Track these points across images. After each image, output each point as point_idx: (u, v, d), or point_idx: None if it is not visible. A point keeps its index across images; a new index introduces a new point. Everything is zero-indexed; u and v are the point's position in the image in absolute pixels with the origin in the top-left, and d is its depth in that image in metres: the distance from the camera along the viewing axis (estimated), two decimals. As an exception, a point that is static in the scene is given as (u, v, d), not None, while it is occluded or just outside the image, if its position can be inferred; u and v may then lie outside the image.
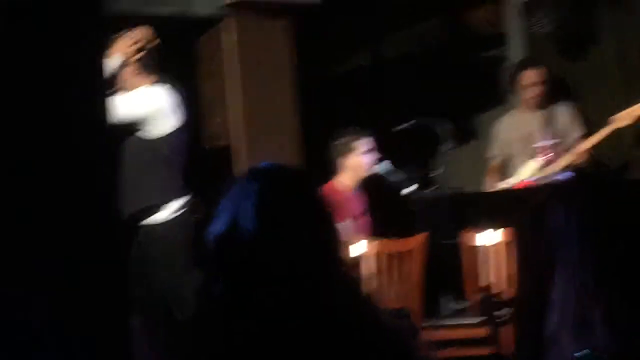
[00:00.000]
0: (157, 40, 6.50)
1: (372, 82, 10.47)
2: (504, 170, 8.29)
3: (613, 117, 7.89)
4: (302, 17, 8.21)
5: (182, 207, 6.35)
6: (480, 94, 9.73)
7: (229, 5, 7.85)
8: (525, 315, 3.16)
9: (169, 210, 6.30)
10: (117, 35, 6.37)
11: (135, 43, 6.39)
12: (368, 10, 9.91)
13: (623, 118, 7.83)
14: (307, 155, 7.99)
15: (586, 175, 5.91)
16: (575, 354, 2.15)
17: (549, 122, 8.13)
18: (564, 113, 8.25)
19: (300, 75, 8.20)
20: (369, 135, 7.43)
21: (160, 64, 6.56)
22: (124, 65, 6.36)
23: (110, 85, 6.18)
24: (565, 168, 7.74)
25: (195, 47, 7.52)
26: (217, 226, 2.53)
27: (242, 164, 7.69)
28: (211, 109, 6.83)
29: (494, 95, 9.42)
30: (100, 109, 2.57)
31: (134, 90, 6.38)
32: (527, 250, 3.14)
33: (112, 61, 6.27)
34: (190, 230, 6.30)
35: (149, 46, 6.44)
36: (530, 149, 8.02)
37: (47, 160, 2.40)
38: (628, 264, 2.63)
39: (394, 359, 2.53)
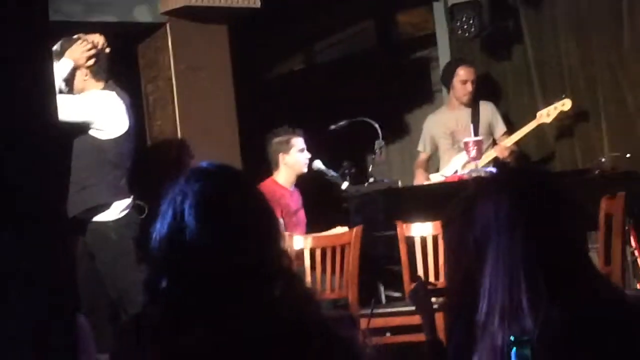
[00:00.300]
0: (108, 48, 6.49)
1: (307, 83, 10.50)
2: (432, 164, 8.39)
3: (537, 113, 7.99)
4: (239, 22, 8.20)
5: (128, 207, 6.33)
6: (411, 93, 9.79)
7: (166, 12, 7.83)
8: (456, 303, 3.15)
9: (115, 211, 6.28)
10: (71, 40, 6.36)
11: (89, 49, 6.36)
12: (302, 16, 9.92)
13: (545, 115, 7.95)
14: (245, 154, 7.99)
15: (514, 168, 5.94)
16: (511, 338, 2.16)
17: (474, 119, 8.22)
18: (487, 110, 8.35)
19: (238, 78, 8.19)
20: (304, 134, 7.43)
21: (109, 70, 6.54)
22: (75, 68, 6.34)
23: (65, 87, 6.24)
24: (492, 162, 7.83)
25: (137, 53, 7.47)
26: (160, 227, 2.51)
27: (185, 165, 7.68)
28: (153, 112, 6.82)
29: (424, 93, 9.48)
30: (47, 109, 2.53)
31: (84, 93, 6.35)
32: (456, 241, 3.14)
33: (65, 64, 6.27)
34: (136, 230, 6.30)
35: (100, 53, 6.42)
36: (456, 145, 8.11)
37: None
38: (553, 253, 2.65)
39: (335, 350, 2.52)
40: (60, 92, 6.13)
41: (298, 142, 7.38)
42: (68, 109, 6.05)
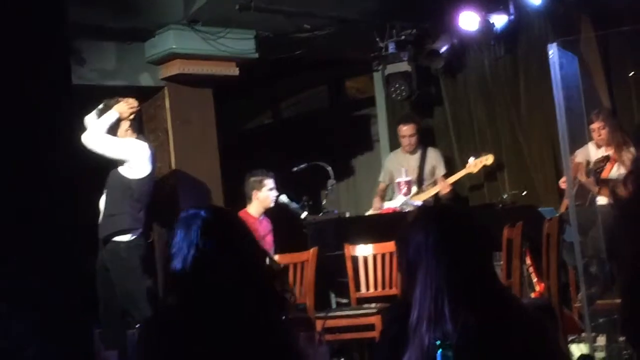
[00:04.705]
0: (140, 108, 6.72)
1: (274, 134, 10.50)
2: (387, 193, 8.39)
3: (467, 164, 7.98)
4: (222, 86, 8.20)
5: (138, 232, 6.37)
6: (356, 143, 9.81)
7: (164, 78, 7.83)
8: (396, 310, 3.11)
9: (128, 234, 6.31)
10: (113, 99, 6.53)
11: (131, 107, 6.52)
12: (270, 81, 9.94)
13: (473, 165, 7.92)
14: (225, 189, 7.99)
15: (439, 205, 5.97)
16: (437, 342, 2.15)
17: (422, 162, 8.21)
18: (432, 156, 8.30)
19: (220, 130, 8.18)
20: (274, 175, 7.41)
21: (142, 125, 6.78)
22: (119, 120, 6.46)
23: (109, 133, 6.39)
24: (432, 196, 7.83)
25: (142, 110, 7.46)
26: (177, 263, 2.50)
27: (179, 199, 7.68)
28: (156, 157, 6.82)
29: (366, 143, 9.50)
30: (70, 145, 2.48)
31: (125, 139, 6.49)
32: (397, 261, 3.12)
33: (113, 115, 6.43)
34: (142, 251, 6.36)
35: (138, 111, 6.63)
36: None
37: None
38: (469, 271, 2.64)
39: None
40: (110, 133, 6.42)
41: (269, 182, 7.36)
42: (113, 147, 6.34)
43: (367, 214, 8.05)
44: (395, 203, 7.85)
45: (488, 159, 7.93)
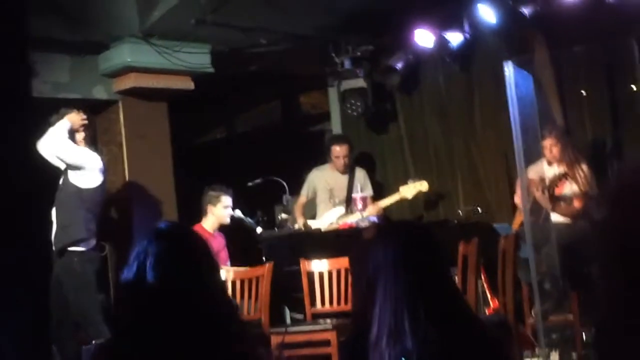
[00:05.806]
0: (90, 122, 6.73)
1: (228, 148, 10.48)
2: (308, 209, 8.36)
3: (400, 188, 7.89)
4: (176, 100, 8.17)
5: (92, 245, 6.32)
6: (309, 157, 9.81)
7: (119, 92, 7.79)
8: (353, 325, 3.13)
9: (84, 246, 6.27)
10: (67, 109, 6.51)
11: (82, 118, 6.52)
12: (225, 95, 9.93)
13: (406, 191, 7.81)
14: (179, 202, 7.95)
15: (396, 221, 5.98)
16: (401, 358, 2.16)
17: (350, 182, 8.16)
18: (360, 176, 8.25)
19: (175, 143, 8.15)
20: (232, 192, 7.38)
21: (93, 136, 6.76)
22: (72, 129, 6.46)
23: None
24: (367, 215, 7.79)
25: (95, 123, 7.41)
26: (126, 274, 2.50)
27: (133, 213, 7.62)
28: (107, 170, 6.77)
29: (319, 158, 9.51)
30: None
31: (80, 147, 6.51)
32: (354, 279, 3.14)
33: (65, 124, 6.42)
34: (97, 264, 6.32)
35: (88, 124, 6.61)
36: (332, 199, 8.08)
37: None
38: (428, 285, 2.67)
39: None
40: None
41: (226, 199, 7.32)
42: (71, 152, 6.37)
43: (295, 228, 8.01)
44: (328, 218, 7.87)
45: (423, 185, 7.76)
